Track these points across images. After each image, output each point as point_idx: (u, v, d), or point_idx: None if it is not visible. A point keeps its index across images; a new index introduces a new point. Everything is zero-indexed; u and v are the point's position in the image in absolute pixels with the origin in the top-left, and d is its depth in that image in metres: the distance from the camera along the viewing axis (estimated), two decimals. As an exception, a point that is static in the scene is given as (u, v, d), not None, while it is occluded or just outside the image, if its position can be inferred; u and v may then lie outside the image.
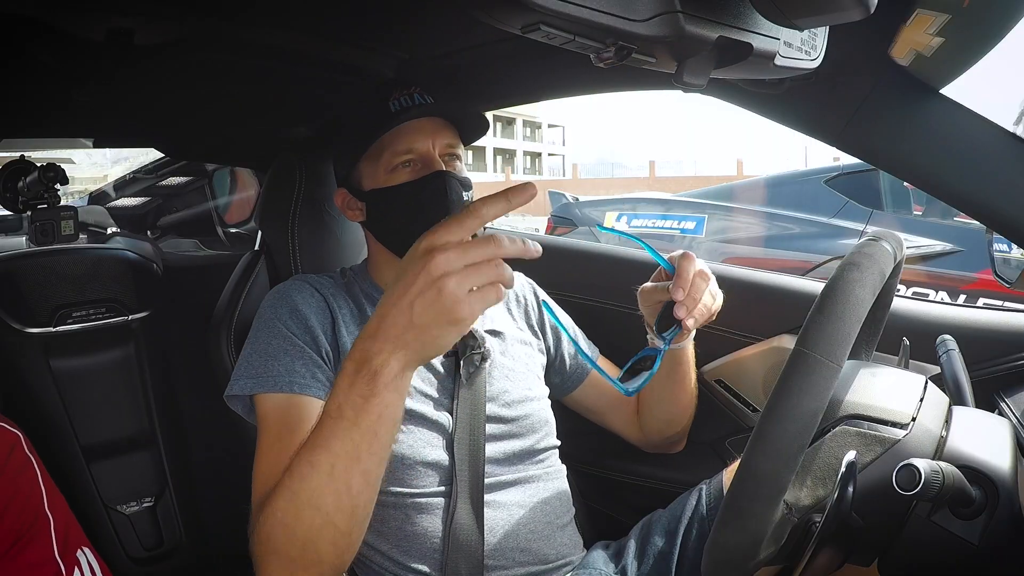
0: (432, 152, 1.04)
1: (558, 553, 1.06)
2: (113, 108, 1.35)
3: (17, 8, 0.87)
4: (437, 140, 1.05)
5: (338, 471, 0.70)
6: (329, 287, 1.07)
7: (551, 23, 0.50)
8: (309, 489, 0.71)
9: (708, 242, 4.71)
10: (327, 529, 0.72)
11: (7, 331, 1.56)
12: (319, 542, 0.73)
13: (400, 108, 1.04)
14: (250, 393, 0.95)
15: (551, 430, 1.14)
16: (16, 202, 1.60)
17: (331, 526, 0.72)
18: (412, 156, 1.04)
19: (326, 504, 0.71)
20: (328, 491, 0.71)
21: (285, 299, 1.03)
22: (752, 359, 1.29)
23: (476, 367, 1.06)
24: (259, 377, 0.95)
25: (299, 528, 0.72)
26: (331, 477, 0.70)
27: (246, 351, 1.00)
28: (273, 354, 0.97)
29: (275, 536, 0.74)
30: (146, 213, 2.49)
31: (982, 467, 0.67)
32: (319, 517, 0.71)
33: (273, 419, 0.93)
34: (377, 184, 1.05)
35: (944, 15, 0.78)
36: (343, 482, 0.70)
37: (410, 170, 1.04)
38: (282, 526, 0.73)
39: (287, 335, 0.98)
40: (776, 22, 0.60)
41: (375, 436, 0.69)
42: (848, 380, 0.76)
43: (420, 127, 1.04)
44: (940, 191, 0.98)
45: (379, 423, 0.68)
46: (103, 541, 1.60)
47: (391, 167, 1.04)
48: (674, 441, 1.27)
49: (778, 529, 0.67)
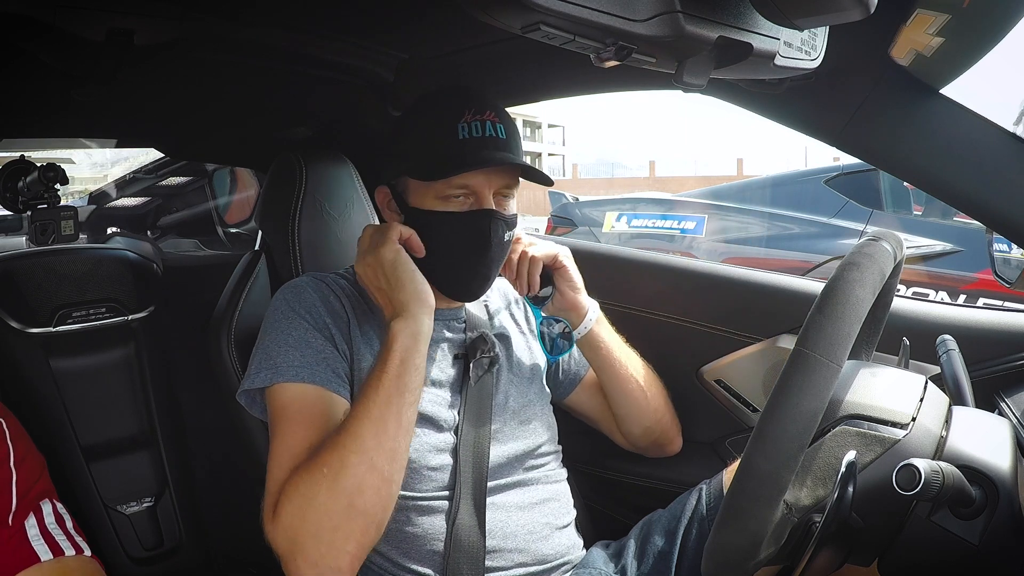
0: (487, 192, 0.99)
1: (557, 553, 1.06)
2: (113, 108, 1.36)
3: (17, 8, 0.87)
4: (495, 180, 1.00)
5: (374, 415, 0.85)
6: (344, 287, 1.07)
7: (551, 23, 0.50)
8: (355, 437, 0.83)
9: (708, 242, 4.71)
10: (372, 475, 0.82)
11: (7, 331, 1.55)
12: (365, 489, 0.82)
13: (469, 137, 0.97)
14: (270, 384, 0.95)
15: (553, 435, 1.14)
16: (16, 202, 1.60)
17: (375, 471, 0.83)
18: (467, 191, 0.99)
19: (368, 447, 0.83)
20: (371, 434, 0.84)
21: (301, 294, 1.02)
22: (752, 359, 1.29)
23: (485, 370, 1.06)
24: (279, 367, 0.95)
25: (346, 477, 0.81)
26: (370, 421, 0.85)
27: (263, 343, 0.99)
28: (293, 345, 0.96)
29: (319, 494, 0.81)
30: (146, 213, 2.49)
31: (982, 467, 0.67)
32: (364, 462, 0.82)
33: (295, 409, 0.93)
34: (424, 205, 1.01)
35: (944, 15, 0.78)
36: (381, 424, 0.84)
37: (461, 202, 1.00)
38: (328, 480, 0.81)
39: (307, 327, 0.98)
40: (776, 22, 0.60)
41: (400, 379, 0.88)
42: (848, 380, 0.75)
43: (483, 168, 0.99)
44: (940, 191, 0.98)
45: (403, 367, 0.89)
46: (103, 541, 1.60)
47: (442, 195, 0.99)
48: (662, 443, 1.25)
49: (778, 529, 0.67)
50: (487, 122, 0.99)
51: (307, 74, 1.27)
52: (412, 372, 0.89)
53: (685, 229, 4.85)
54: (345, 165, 1.31)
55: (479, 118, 0.98)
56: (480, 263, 1.02)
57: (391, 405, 0.86)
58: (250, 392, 0.98)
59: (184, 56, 1.06)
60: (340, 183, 1.29)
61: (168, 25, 0.96)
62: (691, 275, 1.39)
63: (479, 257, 1.01)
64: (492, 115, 1.00)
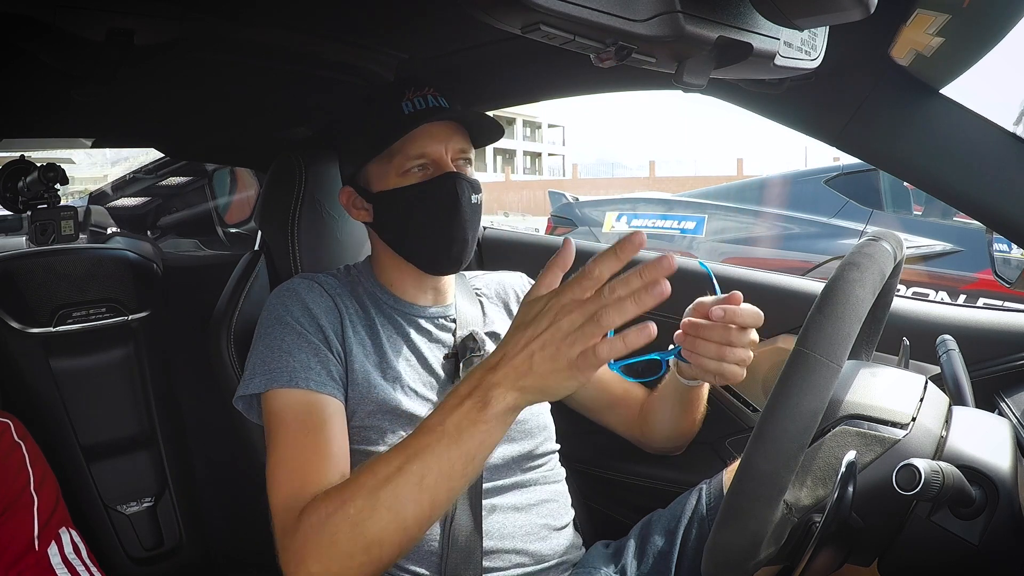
0: (445, 156, 1.03)
1: (555, 553, 1.06)
2: (113, 108, 1.35)
3: (17, 8, 0.87)
4: (450, 144, 1.04)
5: (427, 483, 0.73)
6: (335, 287, 1.07)
7: (551, 23, 0.50)
8: (393, 494, 0.73)
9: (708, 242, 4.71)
10: (398, 534, 0.74)
11: (7, 331, 1.56)
12: (386, 544, 0.75)
13: (414, 110, 1.02)
14: (265, 390, 0.94)
15: (550, 435, 1.14)
16: (16, 202, 1.60)
17: (403, 532, 0.74)
18: (425, 160, 1.03)
19: (406, 511, 0.73)
20: (412, 499, 0.73)
21: (295, 296, 1.02)
22: (752, 359, 1.29)
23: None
24: (274, 372, 0.94)
25: (370, 528, 0.74)
26: (419, 487, 0.73)
27: (258, 348, 0.98)
28: (288, 349, 0.96)
29: (340, 531, 0.75)
30: (146, 213, 2.49)
31: (982, 467, 0.67)
32: (395, 522, 0.74)
33: (291, 415, 0.92)
34: (387, 186, 1.04)
35: (944, 15, 0.78)
36: (429, 494, 0.73)
37: (422, 173, 1.03)
38: (351, 523, 0.75)
39: (300, 331, 0.98)
40: (776, 22, 0.60)
41: (471, 460, 0.72)
42: (848, 380, 0.75)
43: (434, 131, 1.03)
44: (940, 191, 0.98)
45: (478, 449, 0.72)
46: (103, 541, 1.60)
47: (403, 170, 1.03)
48: (673, 449, 1.26)
49: (778, 529, 0.67)
50: (428, 96, 1.03)
51: (307, 74, 1.27)
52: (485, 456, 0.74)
53: (685, 229, 4.85)
54: (345, 165, 1.31)
55: (420, 94, 1.03)
56: (455, 226, 1.03)
57: (449, 480, 0.73)
58: (247, 398, 0.98)
59: (184, 56, 1.06)
60: (340, 183, 1.29)
61: (168, 25, 0.96)
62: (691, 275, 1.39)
63: (452, 220, 1.02)
64: (432, 90, 1.04)
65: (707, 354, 0.93)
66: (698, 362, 0.94)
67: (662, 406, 1.15)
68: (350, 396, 0.99)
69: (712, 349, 0.92)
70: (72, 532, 1.00)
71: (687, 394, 1.09)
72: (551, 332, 0.67)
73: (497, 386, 0.70)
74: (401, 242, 1.06)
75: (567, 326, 0.67)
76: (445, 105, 1.04)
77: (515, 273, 1.29)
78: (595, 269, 0.68)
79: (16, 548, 0.91)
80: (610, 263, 0.68)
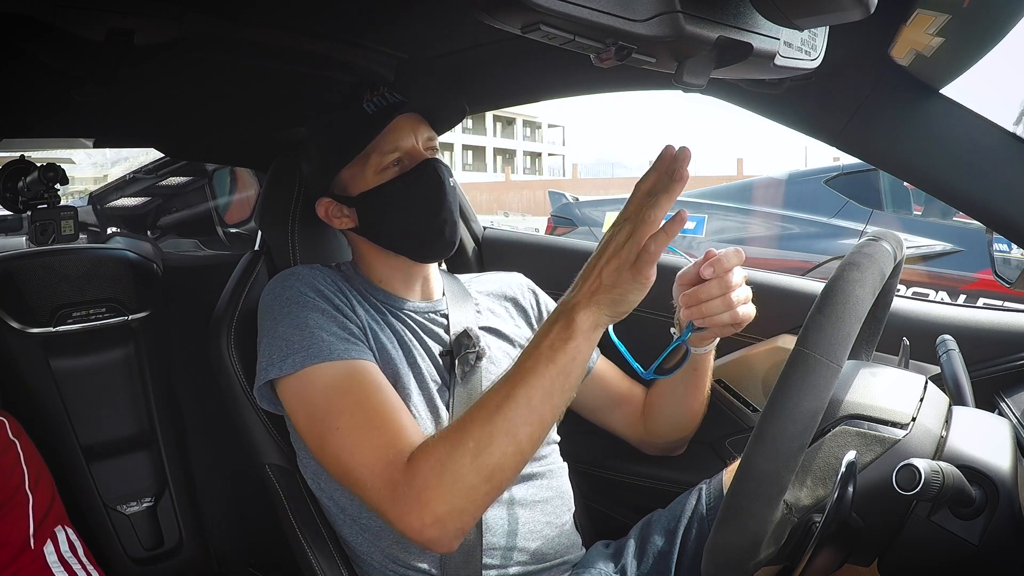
0: (418, 147, 1.07)
1: (556, 552, 1.06)
2: (113, 108, 1.35)
3: (17, 8, 0.87)
4: (419, 134, 1.07)
5: (535, 403, 0.80)
6: (334, 275, 1.08)
7: (551, 23, 0.50)
8: (506, 419, 0.80)
9: (708, 242, 4.71)
10: (516, 457, 0.81)
11: (7, 331, 1.55)
12: (507, 468, 0.82)
13: (377, 109, 1.04)
14: (302, 368, 0.93)
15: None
16: (16, 202, 1.60)
17: (519, 454, 0.82)
18: (399, 154, 1.05)
19: (520, 432, 0.80)
20: (524, 421, 0.80)
21: (303, 280, 1.02)
22: (752, 359, 1.29)
23: (471, 366, 1.06)
24: (308, 349, 0.93)
25: (491, 455, 0.80)
26: (528, 408, 0.80)
27: (279, 331, 0.97)
28: (315, 326, 0.96)
29: (462, 466, 0.80)
30: (146, 213, 2.49)
31: (982, 467, 0.67)
32: (512, 445, 0.80)
33: (346, 385, 0.92)
34: (367, 186, 1.06)
35: (944, 15, 0.78)
36: (538, 413, 0.81)
37: (399, 167, 1.05)
38: (471, 455, 0.80)
39: (322, 308, 0.98)
40: (776, 22, 0.60)
41: (567, 375, 0.81)
42: (848, 380, 0.75)
43: (401, 125, 1.06)
44: (940, 191, 0.98)
45: (572, 364, 0.80)
46: (103, 541, 1.60)
47: (380, 168, 1.05)
48: (676, 446, 1.26)
49: (778, 529, 0.67)
50: (385, 93, 1.07)
51: (307, 74, 1.26)
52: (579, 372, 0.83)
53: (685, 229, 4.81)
54: (345, 165, 1.31)
55: (378, 93, 1.07)
56: (443, 210, 1.06)
57: (551, 397, 0.81)
58: (265, 388, 0.98)
59: (184, 56, 1.06)
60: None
61: (168, 25, 0.96)
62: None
63: (439, 204, 1.05)
64: (385, 88, 1.08)
65: (717, 310, 0.98)
66: (712, 322, 0.99)
67: (671, 389, 1.15)
68: None
69: (718, 303, 0.98)
70: (68, 531, 0.99)
71: (700, 364, 1.11)
72: (611, 249, 0.78)
73: (576, 306, 0.80)
74: (391, 237, 1.07)
75: (621, 238, 0.78)
76: (402, 99, 1.07)
77: (512, 273, 1.29)
78: (639, 187, 0.79)
79: (12, 547, 0.92)
80: (650, 177, 0.79)
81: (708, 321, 0.99)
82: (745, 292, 1.00)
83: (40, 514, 0.96)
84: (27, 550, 0.93)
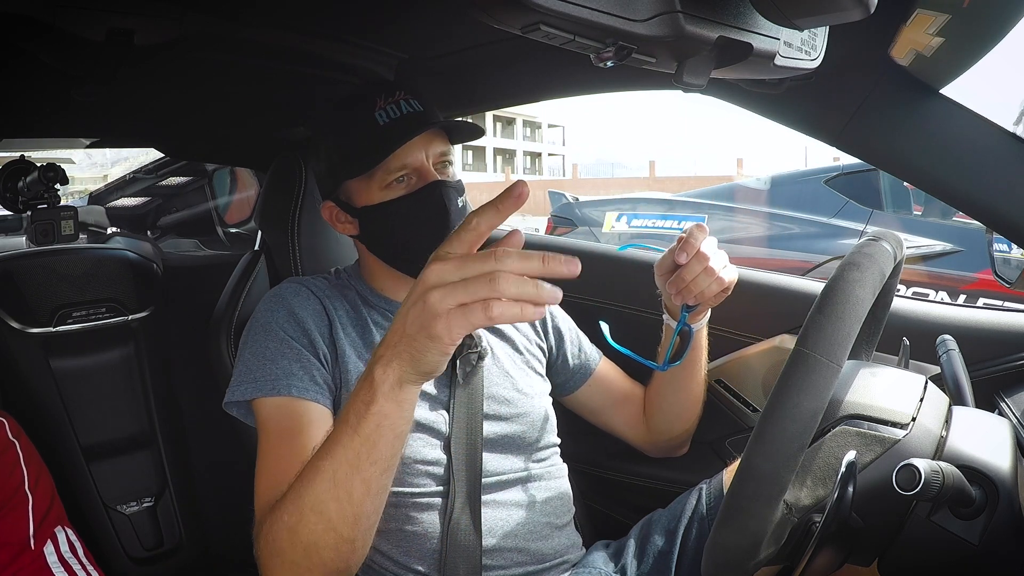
0: (427, 164, 1.02)
1: (556, 552, 1.06)
2: (113, 108, 1.36)
3: (17, 8, 0.87)
4: (430, 150, 1.02)
5: (339, 478, 0.71)
6: (324, 289, 1.06)
7: (551, 23, 0.50)
8: (313, 494, 0.73)
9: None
10: (329, 535, 0.73)
11: (7, 331, 1.56)
12: (322, 548, 0.74)
13: (389, 120, 1.00)
14: (249, 398, 0.95)
15: (551, 427, 1.14)
16: (16, 202, 1.60)
17: (333, 532, 0.73)
18: (407, 171, 1.01)
19: (328, 510, 0.72)
20: (330, 497, 0.72)
21: (281, 302, 1.02)
22: (752, 359, 1.29)
23: (473, 366, 1.05)
24: (257, 381, 0.95)
25: (303, 533, 0.74)
26: (333, 483, 0.71)
27: (243, 356, 0.99)
28: (271, 357, 0.96)
29: (280, 539, 0.75)
30: (146, 213, 2.49)
31: (982, 467, 0.67)
32: (322, 523, 0.73)
33: (273, 423, 0.93)
34: (371, 201, 1.03)
35: (944, 15, 0.78)
36: (344, 489, 0.71)
37: (405, 185, 1.02)
38: (287, 530, 0.74)
39: (284, 338, 0.98)
40: (776, 22, 0.60)
41: (374, 445, 0.70)
42: (848, 380, 0.75)
43: (413, 140, 1.01)
44: (940, 191, 0.98)
45: (377, 433, 0.69)
46: (103, 541, 1.60)
47: (385, 184, 1.01)
48: (678, 444, 1.26)
49: (778, 529, 0.67)
50: (400, 101, 1.02)
51: (307, 74, 1.27)
52: (390, 440, 0.71)
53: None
54: (345, 165, 1.31)
55: (392, 100, 1.02)
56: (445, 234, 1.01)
57: (359, 471, 0.71)
58: (241, 404, 0.98)
59: (184, 56, 1.06)
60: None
61: (168, 25, 0.96)
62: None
63: (442, 229, 1.01)
64: (402, 94, 1.03)
65: (704, 284, 1.01)
66: (703, 296, 1.02)
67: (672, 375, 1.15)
68: (344, 398, 0.99)
69: (702, 278, 1.00)
70: (68, 531, 1.00)
71: (696, 341, 1.12)
72: (419, 289, 0.63)
73: (379, 360, 0.68)
74: (390, 254, 1.06)
75: (434, 278, 0.62)
76: (419, 108, 1.02)
77: None
78: (473, 219, 0.63)
79: (12, 547, 0.92)
80: (490, 216, 0.63)
81: (700, 296, 1.02)
82: (722, 258, 1.02)
83: (40, 514, 0.96)
84: (27, 550, 0.93)
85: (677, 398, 1.18)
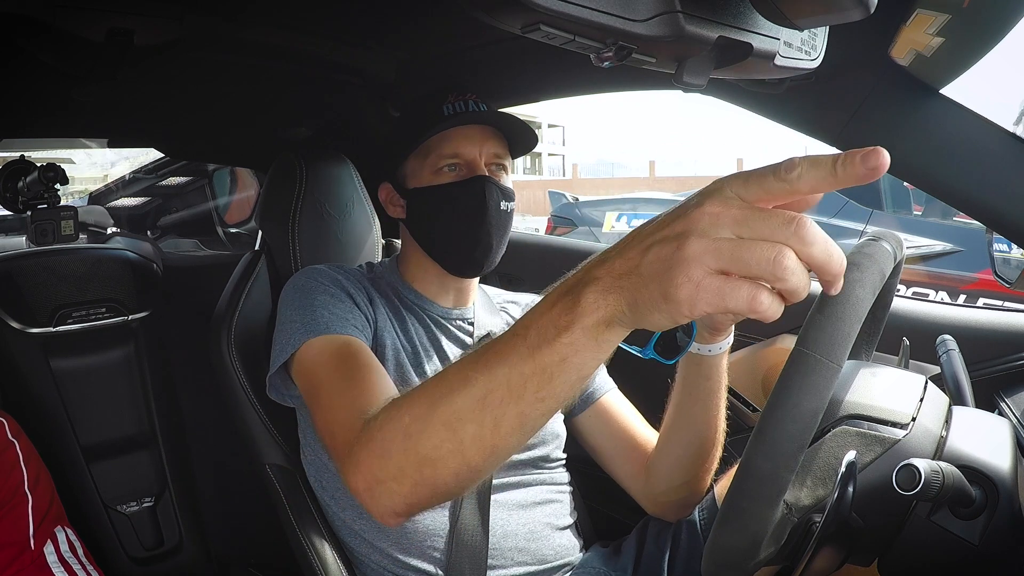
0: (478, 159, 1.04)
1: (557, 554, 1.06)
2: (113, 108, 1.36)
3: (17, 8, 0.87)
4: (484, 148, 1.05)
5: (492, 400, 0.56)
6: (360, 275, 1.10)
7: (551, 23, 0.50)
8: (450, 408, 0.59)
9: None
10: (454, 458, 0.60)
11: (7, 331, 1.56)
12: (440, 468, 0.61)
13: (453, 113, 1.04)
14: (303, 342, 0.93)
15: (560, 444, 1.12)
16: (16, 202, 1.59)
17: (460, 456, 0.60)
18: (458, 160, 1.04)
19: (464, 431, 0.59)
20: (472, 419, 0.58)
21: (322, 273, 1.04)
22: (752, 359, 1.29)
23: None
24: (308, 325, 0.95)
25: (424, 444, 0.61)
26: (482, 405, 0.57)
27: (286, 315, 0.99)
28: (320, 305, 0.97)
29: (392, 442, 0.64)
30: (146, 213, 2.49)
31: (982, 467, 0.67)
32: (451, 442, 0.59)
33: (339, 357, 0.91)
34: (420, 183, 1.07)
35: (944, 15, 0.78)
36: (492, 415, 0.57)
37: (455, 174, 1.05)
38: (404, 435, 0.62)
39: (333, 292, 1.00)
40: (776, 22, 0.60)
41: (549, 379, 0.54)
42: (848, 380, 0.75)
43: (470, 133, 1.04)
44: (940, 191, 0.98)
45: (559, 367, 0.53)
46: (103, 541, 1.60)
47: (436, 168, 1.05)
48: (677, 501, 1.07)
49: (778, 529, 0.67)
50: (469, 101, 1.06)
51: (307, 74, 1.27)
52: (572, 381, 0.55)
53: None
54: (345, 165, 1.31)
55: (461, 98, 1.06)
56: (480, 230, 1.04)
57: (518, 401, 0.56)
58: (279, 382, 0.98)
59: (184, 56, 1.06)
60: (340, 183, 1.29)
61: (168, 25, 0.96)
62: None
63: (478, 224, 1.03)
64: (473, 96, 1.07)
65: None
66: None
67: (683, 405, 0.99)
68: None
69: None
70: (68, 531, 1.00)
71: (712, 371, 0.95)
72: (680, 224, 0.47)
73: (594, 282, 0.51)
74: (429, 239, 1.08)
75: (706, 222, 0.46)
76: (484, 109, 1.06)
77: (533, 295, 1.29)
78: (797, 167, 0.45)
79: (12, 547, 0.92)
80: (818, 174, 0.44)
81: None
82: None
83: (40, 514, 0.96)
84: (27, 550, 0.93)
85: (680, 437, 1.01)
